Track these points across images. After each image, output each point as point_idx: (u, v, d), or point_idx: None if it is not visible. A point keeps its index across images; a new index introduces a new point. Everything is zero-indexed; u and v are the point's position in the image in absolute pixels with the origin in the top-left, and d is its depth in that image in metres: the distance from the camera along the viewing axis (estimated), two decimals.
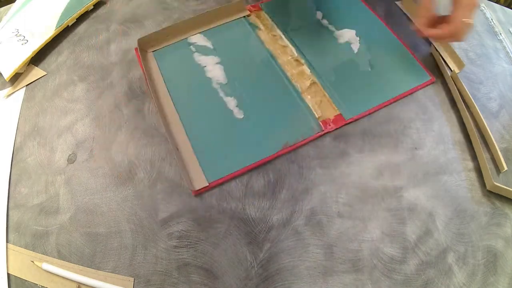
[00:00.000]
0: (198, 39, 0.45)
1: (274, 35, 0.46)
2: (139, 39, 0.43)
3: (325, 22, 0.47)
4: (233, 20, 0.47)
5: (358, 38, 0.45)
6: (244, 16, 0.47)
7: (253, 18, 0.47)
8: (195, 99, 0.41)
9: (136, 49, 0.44)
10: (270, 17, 0.47)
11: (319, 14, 0.47)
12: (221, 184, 0.36)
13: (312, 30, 0.46)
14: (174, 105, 0.40)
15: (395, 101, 0.41)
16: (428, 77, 0.42)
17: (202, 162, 0.36)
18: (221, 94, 0.41)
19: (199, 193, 0.35)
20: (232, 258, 0.32)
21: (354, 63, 0.43)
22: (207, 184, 0.35)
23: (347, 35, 0.45)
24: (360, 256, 0.33)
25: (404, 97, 0.41)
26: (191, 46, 0.45)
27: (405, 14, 0.48)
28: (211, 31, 0.46)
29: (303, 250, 0.33)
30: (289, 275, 0.32)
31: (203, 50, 0.44)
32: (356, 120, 0.39)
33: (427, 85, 0.42)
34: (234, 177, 0.36)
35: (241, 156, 0.37)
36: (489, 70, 0.44)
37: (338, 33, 0.46)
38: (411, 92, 0.41)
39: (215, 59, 0.44)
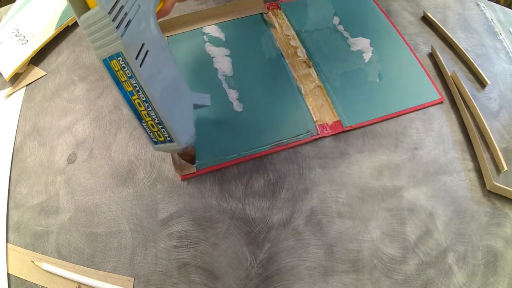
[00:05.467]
0: (212, 30, 0.46)
1: (287, 35, 0.46)
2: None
3: (340, 28, 0.46)
4: (250, 16, 0.47)
5: (371, 48, 0.45)
6: (262, 13, 0.48)
7: (269, 16, 0.48)
8: (199, 87, 0.41)
9: None
10: (286, 17, 0.47)
11: (336, 20, 0.47)
12: (211, 172, 0.36)
13: (326, 34, 0.46)
14: None
15: (397, 116, 0.40)
16: (437, 96, 0.41)
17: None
18: (224, 85, 0.41)
19: (186, 178, 0.36)
20: (232, 258, 0.32)
21: (363, 72, 0.43)
22: (195, 171, 0.36)
23: (361, 43, 0.45)
24: (360, 256, 0.33)
25: (407, 113, 0.40)
26: (204, 36, 0.46)
27: None
28: (227, 23, 0.47)
29: (303, 250, 0.33)
30: (289, 275, 0.32)
31: (215, 41, 0.45)
32: (354, 129, 0.39)
33: (435, 104, 0.41)
34: (222, 168, 0.36)
35: (233, 149, 0.37)
36: (489, 70, 0.44)
37: (352, 40, 0.45)
38: (416, 110, 0.40)
39: (225, 51, 0.44)
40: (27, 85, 0.44)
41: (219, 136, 0.38)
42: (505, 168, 0.36)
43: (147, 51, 0.26)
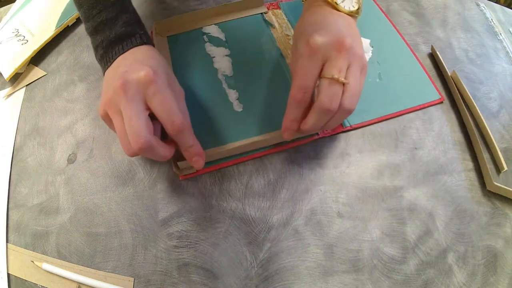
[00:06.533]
0: (212, 30, 0.46)
1: (287, 35, 0.46)
2: (155, 22, 0.45)
3: None
4: (250, 16, 0.47)
5: (371, 48, 0.45)
6: (261, 13, 0.48)
7: (269, 16, 0.48)
8: (198, 87, 0.41)
9: (151, 32, 0.45)
10: (286, 17, 0.47)
11: None
12: (211, 172, 0.36)
13: None
14: None
15: (397, 116, 0.40)
16: (437, 96, 0.41)
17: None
18: (224, 85, 0.41)
19: (186, 178, 0.36)
20: (232, 258, 0.32)
21: None
22: (195, 171, 0.36)
23: None
24: (360, 256, 0.33)
25: (407, 113, 0.40)
26: (205, 36, 0.46)
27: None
28: (227, 23, 0.47)
29: (303, 250, 0.33)
30: (289, 275, 0.32)
31: (215, 41, 0.45)
32: (354, 129, 0.39)
33: (435, 104, 0.41)
34: (222, 168, 0.37)
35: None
36: (489, 70, 0.44)
37: None
38: (416, 109, 0.40)
39: (225, 51, 0.44)
40: (27, 85, 0.44)
41: (219, 137, 0.38)
42: (505, 168, 0.36)
43: None
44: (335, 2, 0.32)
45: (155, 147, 0.29)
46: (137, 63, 0.31)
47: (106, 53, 0.33)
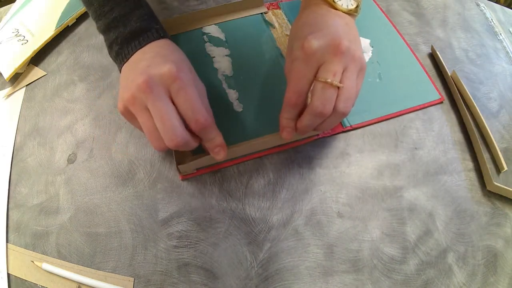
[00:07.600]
0: (212, 30, 0.46)
1: (287, 35, 0.46)
2: None
3: None
4: (250, 16, 0.47)
5: (371, 48, 0.45)
6: (261, 13, 0.48)
7: (269, 16, 0.48)
8: None
9: None
10: (286, 17, 0.48)
11: None
12: (211, 172, 0.36)
13: None
14: None
15: (397, 116, 0.40)
16: (437, 96, 0.41)
17: (194, 149, 0.37)
18: (224, 85, 0.41)
19: (186, 178, 0.36)
20: (232, 258, 0.33)
21: None
22: (195, 171, 0.36)
23: (361, 43, 0.45)
24: (360, 256, 0.33)
25: (407, 113, 0.40)
26: (205, 36, 0.46)
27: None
28: (227, 23, 0.47)
29: (303, 250, 0.33)
30: (289, 275, 0.32)
31: (216, 41, 0.45)
32: (354, 129, 0.39)
33: (435, 104, 0.41)
34: (222, 168, 0.37)
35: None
36: (489, 70, 0.44)
37: None
38: (416, 109, 0.40)
39: (225, 51, 0.44)
40: (27, 85, 0.44)
41: None
42: (505, 168, 0.37)
43: None
44: (333, 1, 0.32)
45: (189, 142, 0.29)
46: (159, 58, 0.30)
47: (122, 49, 0.32)
